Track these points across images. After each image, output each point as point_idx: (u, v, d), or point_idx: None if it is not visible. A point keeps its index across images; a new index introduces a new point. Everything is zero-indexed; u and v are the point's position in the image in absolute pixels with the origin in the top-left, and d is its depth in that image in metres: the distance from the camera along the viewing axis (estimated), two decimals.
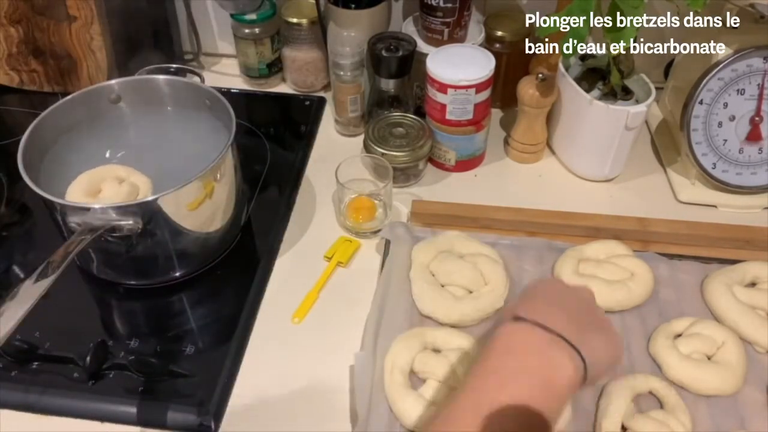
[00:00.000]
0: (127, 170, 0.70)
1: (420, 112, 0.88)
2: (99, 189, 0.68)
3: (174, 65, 0.82)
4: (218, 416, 0.62)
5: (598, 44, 0.82)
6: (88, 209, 0.62)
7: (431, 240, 0.73)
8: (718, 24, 0.77)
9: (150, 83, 0.78)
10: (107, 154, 0.76)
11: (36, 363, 0.65)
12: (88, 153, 0.75)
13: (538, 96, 0.82)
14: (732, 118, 0.79)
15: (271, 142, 0.92)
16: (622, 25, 0.69)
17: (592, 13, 0.70)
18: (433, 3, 0.83)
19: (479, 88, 0.79)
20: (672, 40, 0.81)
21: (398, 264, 0.72)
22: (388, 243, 0.75)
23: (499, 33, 0.89)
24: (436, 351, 0.64)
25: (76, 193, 0.67)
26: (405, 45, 0.85)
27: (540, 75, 0.80)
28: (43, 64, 0.94)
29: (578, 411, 0.61)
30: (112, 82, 0.77)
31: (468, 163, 0.87)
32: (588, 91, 0.80)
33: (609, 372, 0.53)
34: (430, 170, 0.88)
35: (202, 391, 0.63)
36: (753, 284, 0.71)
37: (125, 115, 0.78)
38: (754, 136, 0.79)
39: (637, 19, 0.69)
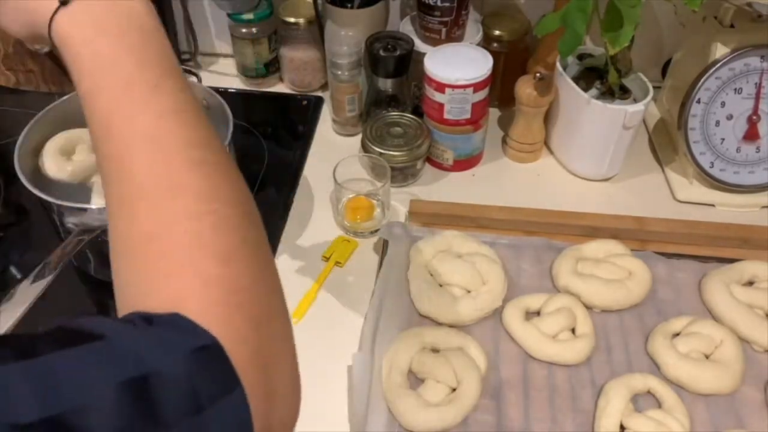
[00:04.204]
0: None
1: (418, 111, 0.88)
2: (74, 150, 0.70)
3: None
4: None
5: (595, 44, 0.82)
6: (85, 210, 0.62)
7: (429, 239, 0.73)
8: (715, 23, 0.77)
9: None
10: None
11: None
12: None
13: (535, 95, 0.82)
14: (729, 117, 0.79)
15: (269, 141, 0.92)
16: (620, 25, 0.69)
17: (590, 13, 0.70)
18: (431, 2, 0.83)
19: (477, 87, 0.79)
20: (670, 39, 0.81)
21: (396, 264, 0.72)
22: (386, 243, 0.74)
23: (497, 32, 0.89)
24: (435, 351, 0.64)
25: (51, 150, 0.69)
26: (402, 44, 0.85)
27: (538, 74, 0.80)
28: (39, 64, 0.94)
29: (577, 411, 0.61)
30: None
31: (466, 162, 0.87)
32: (586, 90, 0.80)
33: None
34: (428, 170, 0.88)
35: None
36: (751, 283, 0.71)
37: None
38: (751, 135, 0.79)
39: (635, 19, 0.69)
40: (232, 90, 1.01)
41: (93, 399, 0.25)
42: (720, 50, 0.76)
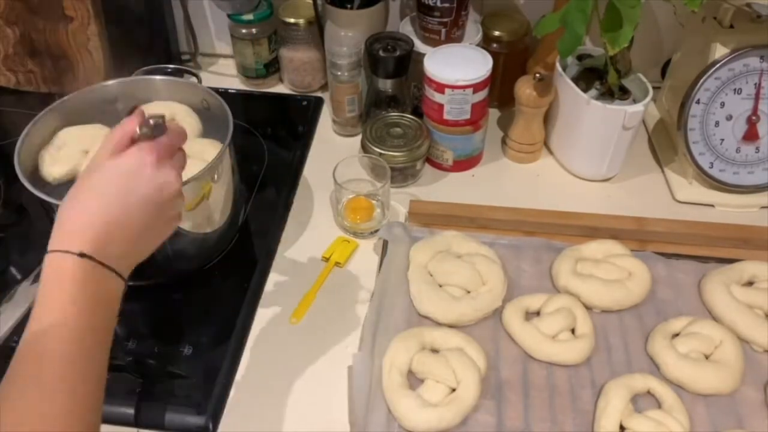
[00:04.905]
0: None
1: (417, 112, 0.88)
2: (73, 150, 0.70)
3: (171, 66, 0.82)
4: (216, 417, 0.61)
5: (595, 44, 0.82)
6: None
7: (429, 240, 0.73)
8: (715, 24, 0.77)
9: (147, 84, 0.77)
10: None
11: None
12: None
13: (535, 96, 0.82)
14: (729, 118, 0.79)
15: (269, 142, 0.92)
16: (620, 25, 0.69)
17: (590, 13, 0.70)
18: (431, 3, 0.83)
19: (476, 87, 0.79)
20: (669, 39, 0.81)
21: (396, 264, 0.72)
22: (386, 243, 0.74)
23: (497, 33, 0.89)
24: (434, 351, 0.64)
25: (51, 151, 0.70)
26: (402, 45, 0.85)
27: (537, 75, 0.80)
28: (39, 65, 0.94)
29: (577, 411, 0.61)
30: (109, 82, 0.77)
31: (465, 163, 0.88)
32: (585, 90, 0.80)
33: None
34: (428, 170, 0.88)
35: (200, 392, 0.63)
36: (750, 283, 0.71)
37: (122, 115, 0.78)
38: (750, 135, 0.79)
39: (635, 19, 0.69)
40: (232, 90, 1.01)
41: None
42: (719, 51, 0.76)
